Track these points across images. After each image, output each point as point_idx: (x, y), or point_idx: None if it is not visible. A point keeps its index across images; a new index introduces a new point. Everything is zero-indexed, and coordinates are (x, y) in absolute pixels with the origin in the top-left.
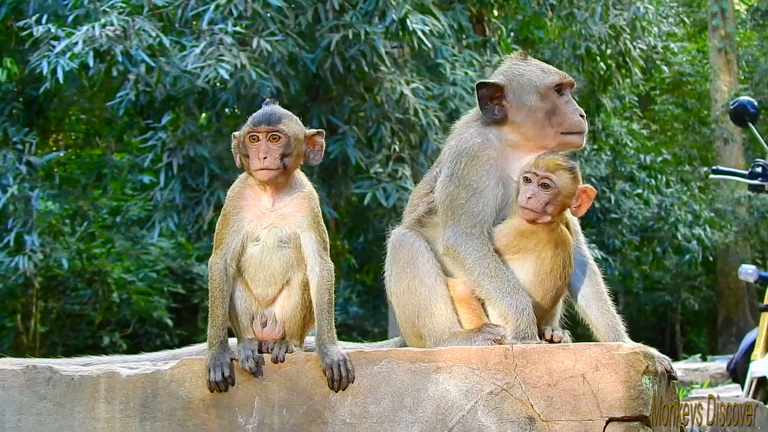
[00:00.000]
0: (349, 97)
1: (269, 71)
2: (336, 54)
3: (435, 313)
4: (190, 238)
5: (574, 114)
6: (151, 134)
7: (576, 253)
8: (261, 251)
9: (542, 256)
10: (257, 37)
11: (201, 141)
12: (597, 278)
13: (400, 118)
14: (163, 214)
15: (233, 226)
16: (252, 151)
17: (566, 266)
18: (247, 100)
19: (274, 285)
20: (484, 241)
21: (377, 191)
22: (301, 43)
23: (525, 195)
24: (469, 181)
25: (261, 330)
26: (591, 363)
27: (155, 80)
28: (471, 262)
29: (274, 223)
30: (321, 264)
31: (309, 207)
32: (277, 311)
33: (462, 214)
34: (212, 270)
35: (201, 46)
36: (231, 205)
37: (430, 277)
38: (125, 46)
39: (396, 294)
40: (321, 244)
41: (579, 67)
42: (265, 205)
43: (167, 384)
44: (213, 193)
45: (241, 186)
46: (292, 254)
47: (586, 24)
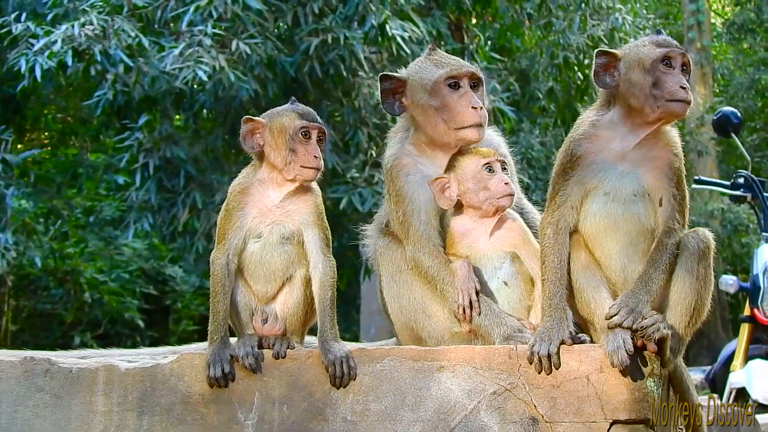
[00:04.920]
0: (327, 101)
1: (248, 74)
2: (315, 58)
3: (432, 315)
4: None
5: (465, 107)
6: (127, 134)
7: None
8: (262, 248)
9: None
10: (236, 40)
11: (177, 142)
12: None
13: (377, 123)
14: (137, 215)
15: (236, 222)
16: (303, 148)
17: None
18: (224, 102)
19: (274, 282)
20: (435, 250)
21: (353, 196)
22: (280, 47)
23: (502, 182)
24: (399, 196)
25: (261, 326)
26: (595, 364)
27: (133, 80)
28: (432, 275)
29: (278, 219)
30: (324, 261)
31: (314, 204)
32: (277, 308)
33: (408, 230)
34: (214, 265)
35: (180, 48)
36: (235, 200)
37: (420, 281)
38: (104, 45)
39: (389, 301)
40: (324, 241)
41: (557, 76)
42: (273, 201)
43: (166, 378)
44: (189, 194)
45: (248, 180)
46: (293, 251)
47: (564, 34)
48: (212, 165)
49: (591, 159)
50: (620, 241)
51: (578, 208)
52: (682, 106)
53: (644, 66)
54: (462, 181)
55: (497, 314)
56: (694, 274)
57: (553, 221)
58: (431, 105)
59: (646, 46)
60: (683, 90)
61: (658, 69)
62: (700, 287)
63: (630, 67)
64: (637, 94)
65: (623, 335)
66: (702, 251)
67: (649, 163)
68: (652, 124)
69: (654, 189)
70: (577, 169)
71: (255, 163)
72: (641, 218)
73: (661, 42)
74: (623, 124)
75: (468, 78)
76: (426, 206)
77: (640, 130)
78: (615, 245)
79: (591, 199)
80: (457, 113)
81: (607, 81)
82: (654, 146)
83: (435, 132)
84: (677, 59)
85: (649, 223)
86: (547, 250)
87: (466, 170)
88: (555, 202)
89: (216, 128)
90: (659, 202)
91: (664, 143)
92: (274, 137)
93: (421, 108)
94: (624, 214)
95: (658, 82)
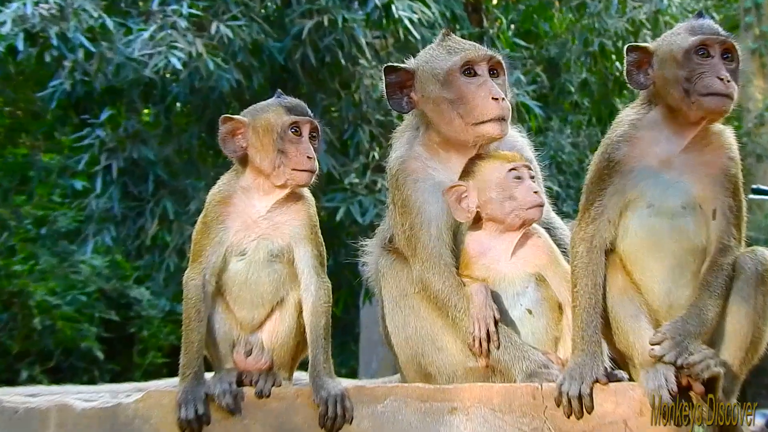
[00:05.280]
0: (322, 94)
1: (229, 61)
2: (308, 43)
3: (443, 347)
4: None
5: (484, 99)
6: (87, 132)
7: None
8: (247, 267)
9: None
10: (216, 22)
11: (146, 141)
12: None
13: (380, 120)
14: (97, 227)
15: (215, 237)
16: (294, 148)
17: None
18: (202, 95)
19: (262, 307)
20: (446, 271)
21: (352, 205)
22: (268, 30)
23: (531, 191)
24: (405, 206)
25: (244, 359)
26: (634, 407)
27: (95, 68)
28: (442, 301)
29: (265, 233)
30: (317, 282)
31: (307, 215)
32: (264, 337)
33: (415, 246)
34: (188, 287)
35: (150, 30)
36: (214, 211)
37: (429, 306)
38: (61, 27)
39: (393, 331)
40: (318, 259)
41: (591, 66)
42: (258, 212)
43: (130, 420)
44: (158, 202)
45: (229, 188)
46: (284, 270)
47: (601, 17)
48: (186, 168)
49: (632, 165)
50: (665, 262)
51: (616, 223)
52: (718, 101)
53: (677, 59)
54: (483, 190)
55: (519, 347)
56: (751, 302)
57: (587, 237)
58: (445, 97)
59: (680, 35)
60: (720, 81)
61: (692, 60)
62: (757, 318)
63: (663, 61)
64: (673, 92)
65: (666, 372)
66: (761, 275)
67: (699, 170)
68: (695, 124)
69: (706, 200)
70: (615, 176)
71: (236, 167)
72: (691, 234)
73: (696, 28)
74: (666, 124)
75: (486, 63)
76: (437, 219)
77: (685, 132)
78: (659, 266)
79: (631, 211)
80: (476, 105)
81: (641, 80)
82: (705, 149)
83: (450, 129)
84: (715, 47)
85: (699, 240)
86: (579, 271)
87: (488, 177)
88: (589, 215)
89: (191, 125)
90: (712, 215)
91: (717, 146)
92: (259, 137)
93: (433, 102)
94: (670, 229)
95: (693, 75)
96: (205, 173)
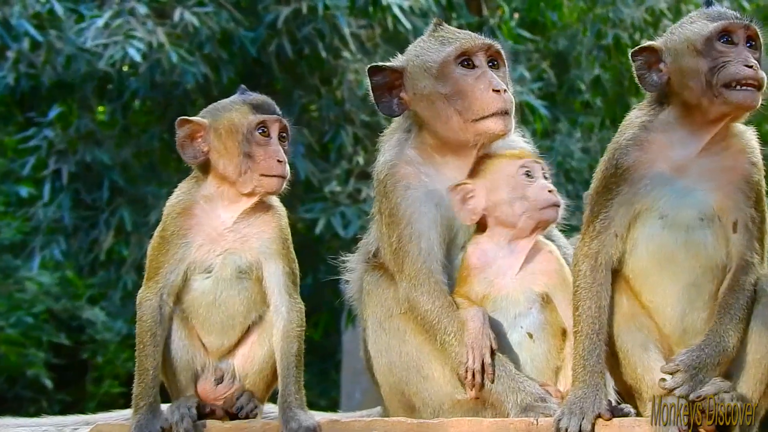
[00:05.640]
0: (300, 90)
1: (195, 53)
2: (284, 33)
3: (429, 376)
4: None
5: (484, 91)
6: (33, 132)
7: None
8: (215, 286)
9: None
10: (180, 8)
11: (101, 142)
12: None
13: (366, 120)
14: (45, 239)
15: (175, 253)
16: (262, 150)
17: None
18: (164, 91)
19: (233, 330)
20: (437, 289)
21: (333, 217)
22: (239, 18)
23: (545, 189)
24: (393, 216)
25: (214, 387)
26: None
27: (42, 60)
28: (430, 320)
29: (232, 247)
30: (289, 303)
31: (278, 227)
32: (237, 364)
33: (403, 261)
34: (142, 308)
35: (105, 18)
36: (174, 224)
37: (417, 330)
38: (4, 13)
39: (375, 356)
40: (290, 277)
41: (605, 61)
42: (224, 224)
43: None
44: (114, 212)
45: (189, 198)
46: (255, 287)
47: (616, 6)
48: (146, 174)
49: (642, 172)
50: (680, 281)
51: (624, 237)
52: (747, 94)
53: (696, 47)
54: (492, 189)
55: (514, 377)
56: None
57: (591, 254)
58: (439, 93)
59: (696, 23)
60: (750, 69)
61: (714, 48)
62: None
63: (678, 53)
64: (692, 85)
65: (677, 407)
66: None
67: (718, 176)
68: (715, 122)
69: (726, 210)
70: (623, 184)
71: (197, 174)
72: (708, 249)
73: (713, 15)
74: (681, 125)
75: (485, 53)
76: (429, 231)
77: (702, 132)
78: (672, 286)
79: (641, 224)
80: (475, 99)
81: (655, 79)
82: (724, 153)
83: (447, 128)
84: (739, 33)
85: (719, 256)
86: (582, 292)
87: (497, 175)
88: (593, 229)
89: (152, 125)
90: (733, 228)
91: (737, 149)
92: (221, 140)
93: (427, 99)
94: (685, 244)
95: (715, 65)
96: (167, 179)
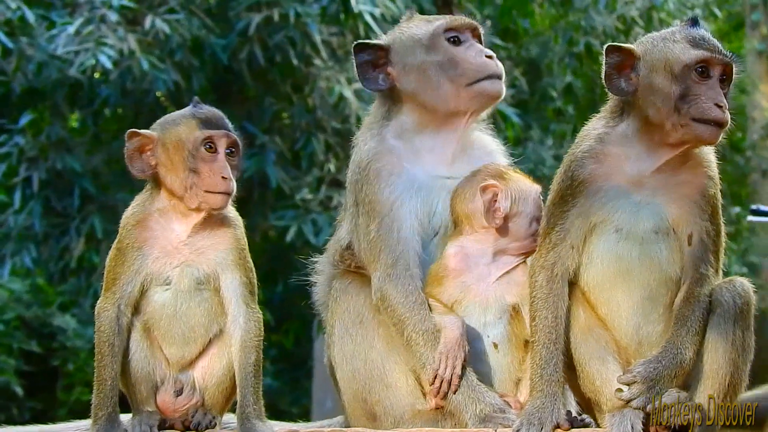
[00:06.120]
0: (272, 98)
1: (166, 60)
2: (255, 40)
3: (392, 385)
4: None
5: (477, 57)
6: (4, 139)
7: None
8: (174, 298)
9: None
10: (151, 15)
11: (72, 150)
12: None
13: (337, 128)
14: (16, 246)
15: (131, 264)
16: (207, 167)
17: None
18: (135, 98)
19: (194, 342)
20: (411, 284)
21: (304, 224)
22: (210, 25)
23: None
24: (373, 204)
25: (174, 399)
26: None
27: (13, 67)
28: (400, 315)
29: (189, 259)
30: (247, 313)
31: (234, 238)
32: (197, 376)
33: (378, 252)
34: (100, 319)
35: (76, 25)
36: (130, 236)
37: (384, 338)
38: None
39: (340, 362)
40: (247, 287)
41: (577, 69)
42: (179, 237)
43: None
44: (85, 219)
45: (144, 210)
46: (215, 299)
47: (588, 14)
48: (117, 181)
49: (598, 184)
50: (634, 294)
51: (580, 249)
52: (712, 131)
53: (672, 70)
54: (518, 200)
55: (474, 387)
56: (729, 338)
57: (547, 265)
58: (432, 61)
59: (678, 44)
60: (719, 109)
61: (689, 77)
62: (736, 356)
63: (653, 68)
64: (659, 105)
65: (633, 418)
66: (740, 309)
67: (674, 190)
68: (673, 147)
69: (681, 224)
70: (579, 197)
71: (150, 187)
72: (663, 262)
73: (697, 40)
74: (639, 140)
75: (470, 32)
76: (410, 222)
77: (660, 152)
78: (627, 299)
79: (597, 236)
80: (469, 64)
81: (623, 86)
82: (681, 167)
83: (439, 97)
84: (716, 67)
85: (673, 270)
86: (538, 303)
87: (525, 189)
88: (550, 240)
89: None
90: (688, 241)
91: (694, 163)
92: (168, 155)
93: (418, 70)
94: (640, 256)
95: (687, 93)
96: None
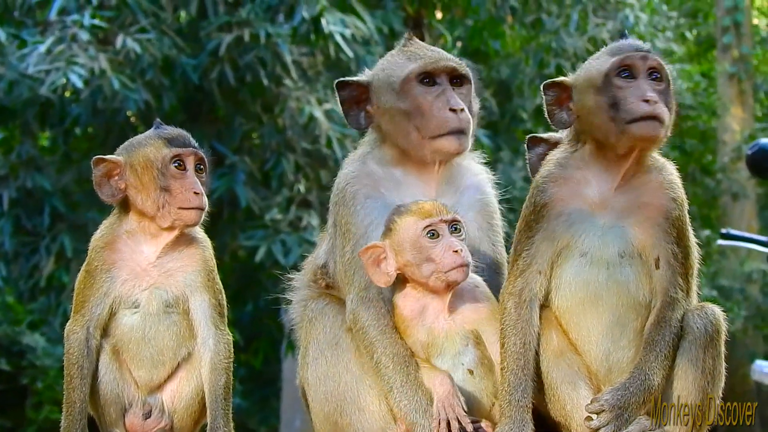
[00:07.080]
0: (242, 118)
1: (137, 79)
2: (226, 60)
3: (364, 409)
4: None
5: (441, 110)
6: None
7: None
8: (143, 321)
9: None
10: (122, 35)
11: (42, 168)
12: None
13: (307, 148)
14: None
15: (100, 287)
16: (178, 184)
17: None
18: (105, 117)
19: (162, 366)
20: (383, 308)
21: (274, 244)
22: (181, 45)
23: (450, 250)
24: (349, 225)
25: (142, 422)
26: None
27: None
28: (371, 338)
29: (157, 282)
30: (216, 335)
31: (202, 260)
32: (166, 398)
33: (353, 275)
34: (69, 341)
35: (47, 44)
36: (98, 258)
37: (359, 362)
38: None
39: (313, 384)
40: (216, 309)
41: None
42: (147, 259)
43: None
44: (55, 238)
45: (112, 233)
46: (184, 323)
47: (559, 35)
48: (87, 199)
49: (559, 209)
50: (603, 319)
51: (548, 274)
52: (647, 126)
53: (596, 84)
54: (399, 251)
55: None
56: (699, 365)
57: (515, 291)
58: (400, 108)
59: (599, 59)
60: (645, 104)
61: (613, 84)
62: (706, 384)
63: (582, 90)
64: (597, 123)
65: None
66: (710, 335)
67: (637, 213)
68: (626, 157)
69: (646, 247)
70: (542, 221)
71: (118, 211)
72: (630, 287)
73: (615, 49)
74: (595, 162)
75: (447, 75)
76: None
77: (616, 167)
78: (596, 324)
79: (564, 261)
80: (432, 117)
81: (565, 118)
82: (642, 189)
83: (407, 143)
84: (639, 66)
85: (641, 294)
86: (507, 329)
87: (402, 236)
88: (517, 267)
89: (93, 151)
90: (655, 264)
91: (656, 184)
92: (138, 176)
93: (389, 114)
94: (608, 281)
95: (616, 101)
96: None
